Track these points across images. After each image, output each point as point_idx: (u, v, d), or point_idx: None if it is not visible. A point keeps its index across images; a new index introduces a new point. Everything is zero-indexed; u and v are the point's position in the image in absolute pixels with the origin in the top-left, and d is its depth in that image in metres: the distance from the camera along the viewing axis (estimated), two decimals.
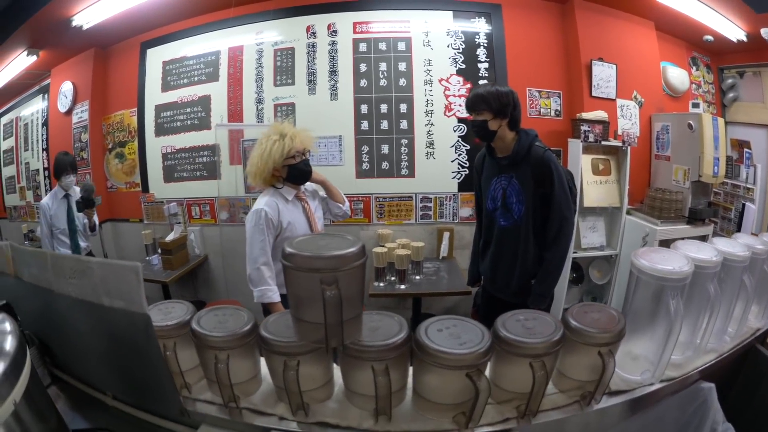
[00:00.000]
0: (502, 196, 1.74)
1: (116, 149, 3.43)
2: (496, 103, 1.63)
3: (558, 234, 1.67)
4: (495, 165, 1.77)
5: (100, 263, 0.78)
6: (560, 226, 1.66)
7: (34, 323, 1.01)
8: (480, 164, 1.88)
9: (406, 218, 3.04)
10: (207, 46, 3.17)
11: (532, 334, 0.79)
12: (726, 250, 1.00)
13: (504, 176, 1.74)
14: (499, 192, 1.75)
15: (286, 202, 1.80)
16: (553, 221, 1.67)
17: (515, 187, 1.70)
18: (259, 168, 1.74)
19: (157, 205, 3.29)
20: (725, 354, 1.04)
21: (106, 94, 3.49)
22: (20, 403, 0.60)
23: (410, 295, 2.55)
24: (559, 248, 1.69)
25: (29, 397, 0.63)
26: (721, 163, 3.05)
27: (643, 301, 0.91)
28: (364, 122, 2.99)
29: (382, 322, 0.84)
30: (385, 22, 2.97)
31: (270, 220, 1.72)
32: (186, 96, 3.20)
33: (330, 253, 0.71)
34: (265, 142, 1.75)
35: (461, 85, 2.98)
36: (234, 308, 0.90)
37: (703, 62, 3.71)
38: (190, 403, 0.87)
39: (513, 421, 0.81)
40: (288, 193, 1.82)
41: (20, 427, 0.61)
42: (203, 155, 3.19)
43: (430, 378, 0.80)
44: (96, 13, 2.83)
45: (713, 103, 3.73)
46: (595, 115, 2.89)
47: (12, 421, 0.59)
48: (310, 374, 0.81)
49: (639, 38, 3.25)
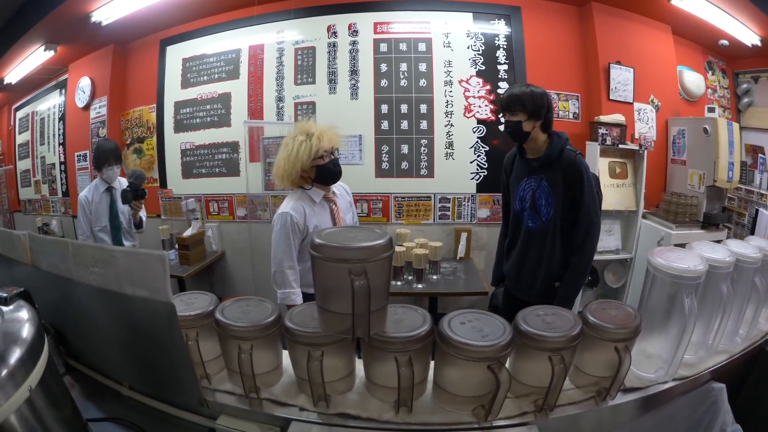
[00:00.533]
0: (531, 197, 1.74)
1: (134, 145, 3.46)
2: (531, 104, 1.62)
3: (585, 238, 1.68)
4: (525, 166, 1.77)
5: (124, 252, 0.79)
6: (588, 230, 1.67)
7: (50, 313, 1.01)
8: (509, 164, 1.88)
9: (425, 218, 3.06)
10: (227, 44, 3.19)
11: (552, 328, 0.80)
12: (739, 251, 1.02)
13: (534, 177, 1.74)
14: (528, 193, 1.75)
15: (313, 204, 1.75)
16: (581, 225, 1.67)
17: (545, 189, 1.70)
18: (287, 170, 1.68)
19: (175, 201, 3.32)
20: (736, 355, 1.05)
21: (124, 90, 3.52)
22: (35, 390, 0.60)
23: (427, 294, 2.56)
24: (585, 253, 1.69)
25: (45, 385, 0.63)
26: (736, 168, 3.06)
27: (658, 299, 0.93)
28: (384, 122, 3.01)
29: (405, 314, 0.85)
30: (406, 23, 2.99)
31: (296, 224, 1.68)
32: (206, 93, 3.23)
33: (359, 244, 0.72)
34: (291, 142, 1.68)
35: (481, 87, 3.00)
36: (258, 299, 0.91)
37: (719, 67, 3.72)
38: (209, 393, 0.87)
39: (530, 415, 0.82)
40: (316, 195, 1.76)
41: (34, 414, 0.61)
42: (223, 152, 3.21)
43: (451, 370, 0.81)
44: (115, 9, 2.85)
45: (728, 108, 3.74)
46: (613, 119, 2.90)
47: (26, 407, 0.59)
48: (333, 365, 0.82)
49: (656, 42, 3.25)
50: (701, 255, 0.94)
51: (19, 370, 0.58)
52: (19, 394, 0.57)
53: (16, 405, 0.57)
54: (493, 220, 3.07)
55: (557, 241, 1.71)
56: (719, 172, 3.01)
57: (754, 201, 3.33)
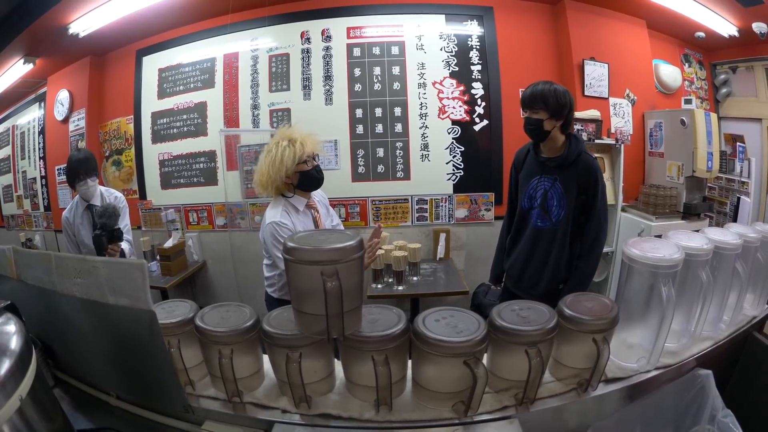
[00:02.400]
0: (542, 196, 1.71)
1: (113, 157, 3.45)
2: (554, 103, 1.58)
3: (594, 242, 1.67)
4: (538, 164, 1.73)
5: (105, 262, 0.80)
6: (597, 235, 1.66)
7: (37, 325, 1.01)
8: (521, 160, 1.83)
9: (403, 220, 3.06)
10: (202, 53, 3.18)
11: (527, 322, 0.81)
12: (717, 238, 1.02)
13: (547, 177, 1.71)
14: (539, 192, 1.73)
15: (297, 213, 1.73)
16: (590, 229, 1.66)
17: (558, 191, 1.67)
18: (271, 176, 1.66)
19: (155, 212, 3.31)
20: (721, 341, 1.06)
21: (102, 102, 3.50)
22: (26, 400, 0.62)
23: (408, 296, 2.57)
24: (593, 257, 1.69)
25: (35, 396, 0.64)
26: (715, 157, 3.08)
27: (635, 289, 0.94)
28: (359, 126, 3.01)
29: (381, 314, 0.86)
30: (379, 27, 3.00)
31: (287, 229, 1.66)
32: (182, 103, 3.22)
33: (330, 245, 0.73)
34: (274, 148, 1.66)
35: (455, 88, 3.00)
36: (236, 305, 0.92)
37: (696, 59, 3.74)
38: (193, 399, 0.88)
39: (512, 408, 0.83)
40: (299, 203, 1.75)
41: (26, 425, 0.63)
42: (200, 161, 3.20)
43: (428, 367, 0.82)
44: (92, 20, 2.85)
45: (706, 99, 3.76)
46: (588, 114, 2.91)
47: (18, 419, 0.61)
48: (312, 367, 0.83)
49: (631, 37, 3.27)
50: (677, 244, 0.94)
51: (9, 380, 0.60)
52: (10, 403, 0.59)
53: (9, 414, 0.59)
54: (471, 220, 3.09)
55: (566, 244, 1.69)
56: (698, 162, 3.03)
57: (735, 189, 3.35)
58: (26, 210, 4.06)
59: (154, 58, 3.30)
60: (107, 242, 1.96)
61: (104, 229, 1.96)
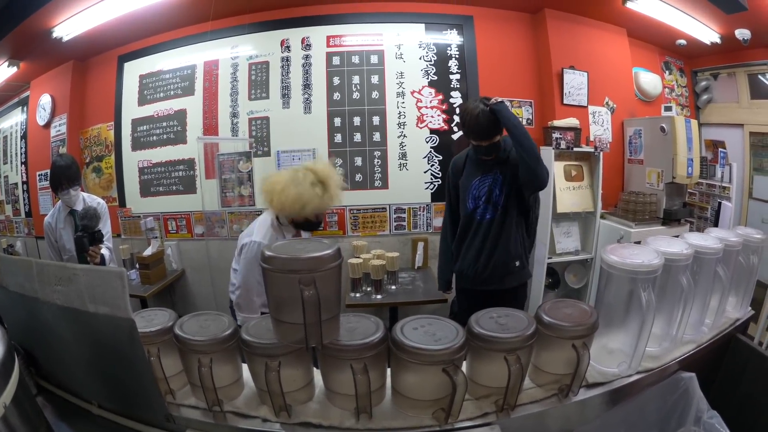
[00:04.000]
0: (486, 192, 1.84)
1: (93, 163, 3.43)
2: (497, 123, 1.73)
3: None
4: (479, 166, 1.87)
5: (85, 269, 0.79)
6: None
7: (19, 333, 1.02)
8: (461, 167, 1.96)
9: (381, 229, 3.07)
10: (183, 60, 3.17)
11: (505, 329, 0.82)
12: (697, 243, 1.03)
13: (487, 175, 1.85)
14: (483, 189, 1.86)
15: (282, 239, 1.76)
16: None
17: (499, 181, 1.83)
18: (293, 209, 1.64)
19: (134, 220, 3.29)
20: (704, 344, 1.07)
21: (83, 108, 3.48)
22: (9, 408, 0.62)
23: (386, 304, 2.57)
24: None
25: (18, 404, 0.64)
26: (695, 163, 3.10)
27: (615, 295, 0.94)
28: (337, 135, 3.01)
29: (359, 323, 0.86)
30: (358, 36, 3.00)
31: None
32: (162, 110, 3.21)
33: (307, 254, 0.74)
34: (308, 188, 1.63)
35: (433, 97, 3.02)
36: (216, 314, 0.93)
37: (677, 66, 3.77)
38: (174, 408, 0.89)
39: (492, 415, 0.84)
40: (288, 231, 1.81)
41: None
42: (179, 169, 3.19)
43: (407, 375, 0.83)
44: (76, 24, 2.83)
45: (686, 106, 3.79)
46: (567, 123, 2.93)
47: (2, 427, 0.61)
48: (291, 375, 0.84)
49: (611, 45, 3.29)
50: (657, 249, 0.94)
51: None
52: None
53: None
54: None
55: (512, 224, 1.85)
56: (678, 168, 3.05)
57: (716, 194, 3.38)
58: (8, 216, 4.03)
59: (135, 64, 3.29)
60: (89, 243, 2.00)
61: (86, 231, 2.00)
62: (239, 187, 3.06)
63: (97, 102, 3.43)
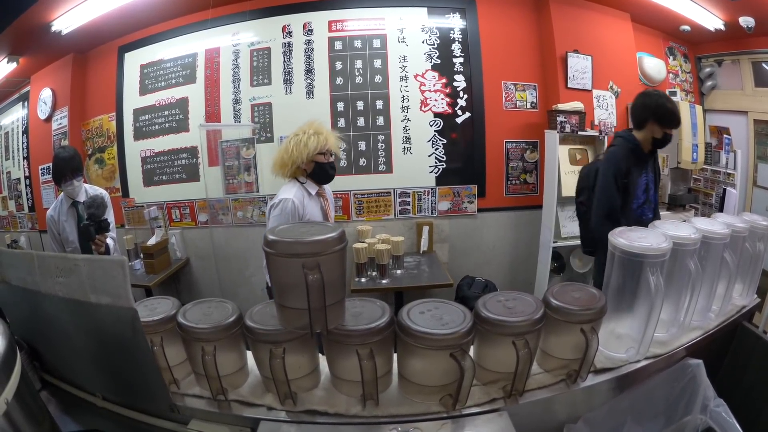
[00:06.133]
0: (646, 190, 1.87)
1: (96, 155, 3.41)
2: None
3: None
4: (641, 162, 1.86)
5: (86, 259, 0.78)
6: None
7: (22, 327, 1.01)
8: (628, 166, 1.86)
9: (385, 214, 3.05)
10: (184, 49, 3.16)
11: (513, 313, 0.80)
12: (705, 228, 1.01)
13: (647, 172, 1.88)
14: (643, 186, 1.87)
15: (309, 197, 1.89)
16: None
17: (652, 178, 1.88)
18: (292, 157, 1.83)
19: (138, 210, 3.28)
20: (711, 331, 1.05)
21: (84, 100, 3.47)
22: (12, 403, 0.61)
23: (392, 289, 2.55)
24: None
25: (21, 399, 0.64)
26: (700, 149, 3.08)
27: (622, 279, 0.93)
28: (340, 120, 3.00)
29: (364, 307, 0.84)
30: (360, 20, 2.98)
31: (296, 209, 1.80)
32: (164, 99, 3.19)
33: (311, 238, 0.72)
34: (301, 134, 1.84)
35: (437, 80, 3.00)
36: (219, 301, 0.91)
37: (681, 52, 3.75)
38: (179, 398, 0.87)
39: (500, 401, 0.82)
40: (311, 188, 1.92)
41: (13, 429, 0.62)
42: (182, 158, 3.18)
43: (414, 361, 0.81)
44: (75, 17, 2.82)
45: (691, 92, 3.77)
46: (571, 106, 2.91)
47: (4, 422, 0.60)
48: (296, 362, 0.82)
49: (615, 30, 3.27)
50: (665, 233, 0.93)
51: None
52: None
53: None
54: (454, 213, 3.08)
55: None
56: (683, 153, 3.03)
57: (721, 181, 3.36)
58: (11, 211, 4.01)
59: (135, 54, 3.27)
60: (95, 232, 2.02)
61: (92, 220, 2.02)
62: (243, 173, 3.04)
63: (98, 94, 3.42)
